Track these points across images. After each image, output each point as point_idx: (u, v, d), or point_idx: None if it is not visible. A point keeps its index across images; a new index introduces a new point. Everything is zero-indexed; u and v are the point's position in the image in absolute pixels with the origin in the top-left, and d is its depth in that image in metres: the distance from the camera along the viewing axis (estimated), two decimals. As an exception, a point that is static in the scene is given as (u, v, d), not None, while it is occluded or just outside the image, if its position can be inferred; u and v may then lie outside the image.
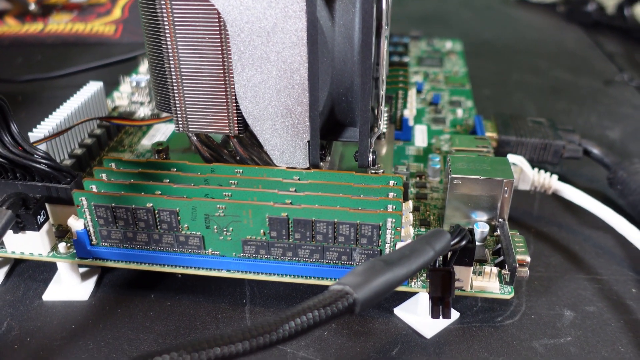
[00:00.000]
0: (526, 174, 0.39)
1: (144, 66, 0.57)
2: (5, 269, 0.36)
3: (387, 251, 0.31)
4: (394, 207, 0.31)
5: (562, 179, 0.40)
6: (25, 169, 0.34)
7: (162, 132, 0.47)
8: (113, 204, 0.32)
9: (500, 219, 0.35)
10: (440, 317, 0.29)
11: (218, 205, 0.31)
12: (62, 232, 0.36)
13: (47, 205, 0.34)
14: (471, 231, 0.30)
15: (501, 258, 0.33)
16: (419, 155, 0.44)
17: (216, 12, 0.30)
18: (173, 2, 0.30)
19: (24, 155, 0.33)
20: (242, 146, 0.35)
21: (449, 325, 0.33)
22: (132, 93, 0.51)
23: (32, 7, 0.75)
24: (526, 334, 0.32)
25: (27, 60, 0.67)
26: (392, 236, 0.30)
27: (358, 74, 0.30)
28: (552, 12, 0.82)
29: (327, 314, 0.23)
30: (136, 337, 0.32)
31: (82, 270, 0.36)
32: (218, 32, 0.30)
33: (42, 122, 0.40)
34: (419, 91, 0.52)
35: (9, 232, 0.33)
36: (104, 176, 0.33)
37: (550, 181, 0.39)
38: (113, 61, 0.57)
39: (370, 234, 0.30)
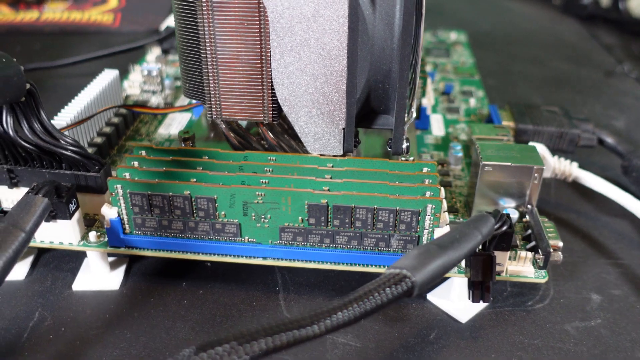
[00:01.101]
0: (547, 161, 0.40)
1: (151, 55, 0.56)
2: (29, 259, 0.36)
3: (425, 237, 0.31)
4: (432, 193, 0.31)
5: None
6: (53, 156, 0.34)
7: (177, 120, 0.46)
8: (149, 192, 0.31)
9: (528, 205, 0.35)
10: (481, 301, 0.30)
11: (257, 192, 0.31)
12: (89, 221, 0.35)
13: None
14: (509, 216, 0.30)
15: (533, 243, 0.33)
16: (437, 143, 0.44)
17: (257, -3, 0.29)
18: (213, -12, 0.29)
19: (53, 142, 0.33)
20: (271, 133, 0.35)
21: (482, 310, 0.33)
22: (143, 82, 0.51)
23: (28, -6, 0.74)
24: (557, 317, 0.33)
25: (25, 49, 0.66)
26: (431, 222, 0.31)
27: (397, 60, 0.30)
28: (547, 4, 0.84)
29: (388, 296, 0.23)
30: (173, 325, 0.32)
31: (110, 259, 0.35)
32: (257, 18, 0.30)
33: (62, 110, 0.39)
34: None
35: (39, 221, 0.33)
36: (135, 164, 0.33)
37: (571, 168, 0.40)
38: (120, 50, 0.56)
39: (409, 220, 0.31)
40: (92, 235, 0.34)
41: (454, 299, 0.33)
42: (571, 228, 0.40)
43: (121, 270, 0.35)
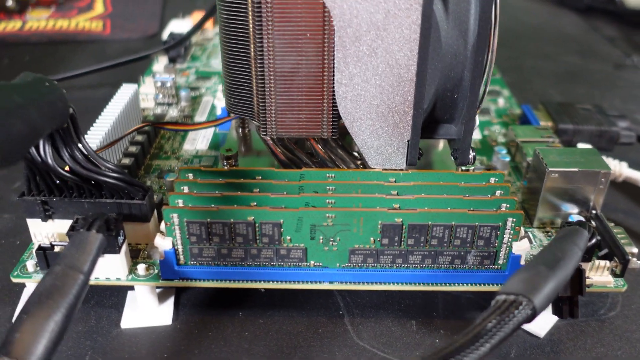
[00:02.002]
0: (597, 162, 0.39)
1: (158, 65, 0.53)
2: (67, 296, 0.33)
3: (502, 252, 0.30)
4: (508, 205, 0.30)
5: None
6: (94, 184, 0.31)
7: (202, 134, 0.44)
8: (209, 220, 0.29)
9: (593, 211, 0.34)
10: (569, 317, 0.29)
11: (327, 215, 0.29)
12: (133, 252, 0.33)
13: (120, 224, 0.31)
14: (590, 226, 0.29)
15: (605, 251, 0.32)
16: (477, 148, 0.43)
17: (321, 5, 0.27)
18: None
19: (96, 170, 0.30)
20: (321, 146, 0.33)
21: (557, 323, 0.32)
22: (156, 94, 0.48)
23: (10, 2, 0.69)
24: (633, 325, 0.32)
25: (13, 61, 0.62)
26: (510, 236, 0.29)
27: (469, 67, 0.29)
28: (542, -3, 0.83)
29: (512, 326, 0.21)
30: (239, 361, 0.30)
31: (157, 290, 0.33)
32: (321, 28, 0.28)
33: (88, 132, 0.36)
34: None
35: (83, 256, 0.30)
36: (185, 189, 0.31)
37: (621, 168, 0.39)
38: (125, 60, 0.53)
39: (488, 235, 0.29)
40: (141, 268, 0.31)
41: (527, 312, 0.32)
42: (628, 230, 0.39)
43: (170, 303, 0.33)
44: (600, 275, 0.31)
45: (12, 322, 0.31)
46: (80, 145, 0.29)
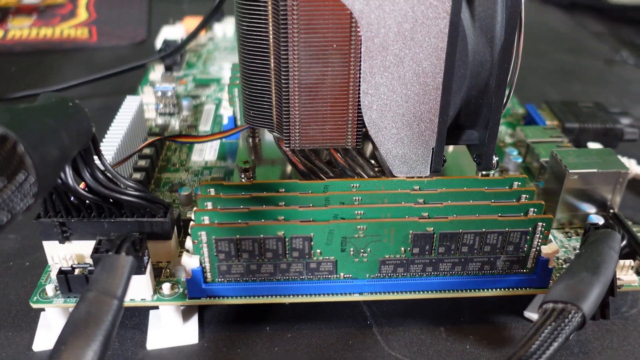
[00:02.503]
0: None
1: (155, 74, 0.52)
2: (86, 318, 0.32)
3: (531, 256, 0.30)
4: (535, 210, 0.30)
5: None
6: (114, 204, 0.30)
7: (209, 145, 0.43)
8: (238, 236, 0.28)
9: (611, 210, 0.35)
10: (600, 318, 0.29)
11: (358, 227, 0.29)
12: (156, 271, 0.32)
13: (143, 242, 0.30)
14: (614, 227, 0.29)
15: (627, 249, 0.32)
16: (486, 149, 0.43)
17: (348, 15, 0.27)
18: (301, 10, 0.27)
19: (117, 189, 0.29)
20: (340, 155, 0.33)
21: (582, 322, 0.32)
22: (157, 104, 0.47)
23: (-9, 12, 0.67)
24: (657, 322, 0.33)
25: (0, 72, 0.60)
26: (539, 240, 0.30)
27: (495, 74, 0.29)
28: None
29: (565, 335, 0.21)
30: (273, 377, 0.29)
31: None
32: (348, 38, 0.28)
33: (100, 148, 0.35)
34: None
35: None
36: (209, 205, 0.30)
37: (631, 166, 0.40)
38: (121, 70, 0.52)
39: (518, 240, 0.29)
40: (166, 287, 0.30)
41: (553, 314, 0.32)
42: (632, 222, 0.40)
43: (195, 321, 0.32)
44: (625, 275, 0.31)
45: (32, 348, 0.30)
46: (100, 164, 0.29)
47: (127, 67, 0.52)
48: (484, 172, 0.34)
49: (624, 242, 0.28)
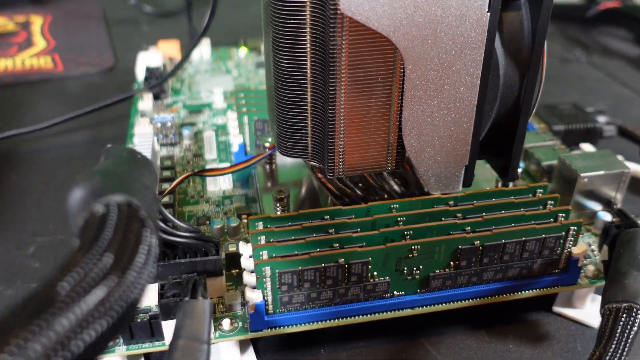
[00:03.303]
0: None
1: (144, 103, 0.52)
2: (141, 362, 0.32)
3: (563, 257, 0.33)
4: (564, 215, 0.32)
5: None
6: (168, 246, 0.30)
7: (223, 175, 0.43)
8: (300, 268, 0.29)
9: (615, 206, 0.38)
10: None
11: (412, 247, 0.30)
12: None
13: (198, 282, 0.31)
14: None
15: (637, 242, 0.36)
16: (484, 156, 0.46)
17: (392, 50, 0.29)
18: (350, 48, 0.28)
19: (175, 233, 0.29)
20: (372, 175, 0.35)
21: (604, 311, 0.35)
22: (157, 135, 0.47)
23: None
24: (665, 303, 0.36)
25: (-35, 111, 0.57)
26: (570, 243, 0.32)
27: (523, 95, 0.31)
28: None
29: (634, 331, 0.24)
30: (341, 398, 0.30)
31: (235, 342, 0.33)
32: (391, 71, 0.29)
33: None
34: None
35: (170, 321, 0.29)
36: (262, 239, 0.31)
37: (619, 162, 0.44)
38: (110, 102, 0.51)
39: (553, 244, 0.32)
40: (226, 323, 0.31)
41: (578, 304, 0.35)
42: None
43: (251, 352, 0.33)
44: None
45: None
46: (158, 209, 0.29)
47: (115, 100, 0.51)
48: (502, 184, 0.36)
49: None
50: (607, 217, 0.37)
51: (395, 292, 0.32)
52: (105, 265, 0.16)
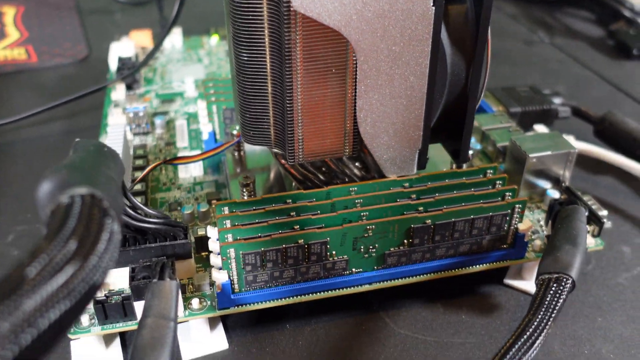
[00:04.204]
0: (551, 139, 0.45)
1: (117, 93, 0.53)
2: (117, 343, 0.34)
3: (510, 233, 0.35)
4: (510, 194, 0.35)
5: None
6: (139, 232, 0.32)
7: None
8: (263, 249, 0.31)
9: (563, 184, 0.40)
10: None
11: (368, 227, 0.32)
12: (180, 288, 0.34)
13: (168, 264, 0.33)
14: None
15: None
16: (445, 138, 0.48)
17: (345, 44, 0.30)
18: (303, 42, 0.30)
19: (145, 219, 0.31)
20: (333, 161, 0.37)
21: (552, 283, 0.38)
22: (130, 125, 0.48)
23: None
24: (609, 274, 0.39)
25: (-59, 104, 0.58)
26: (516, 219, 0.35)
27: (470, 82, 0.33)
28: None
29: (562, 299, 0.26)
30: (305, 369, 0.33)
31: (206, 320, 0.35)
32: (345, 62, 0.31)
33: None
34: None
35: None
36: (227, 223, 0.33)
37: (572, 142, 0.46)
38: (83, 94, 0.52)
39: (500, 221, 0.34)
40: (195, 302, 0.33)
41: (528, 277, 0.38)
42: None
43: (221, 328, 0.35)
44: (584, 239, 0.37)
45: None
46: (127, 198, 0.31)
47: (89, 91, 0.52)
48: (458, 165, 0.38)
49: (587, 214, 0.34)
50: (555, 194, 0.40)
51: (353, 270, 0.34)
52: (69, 251, 0.18)
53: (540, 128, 0.46)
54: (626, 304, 0.37)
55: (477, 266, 0.36)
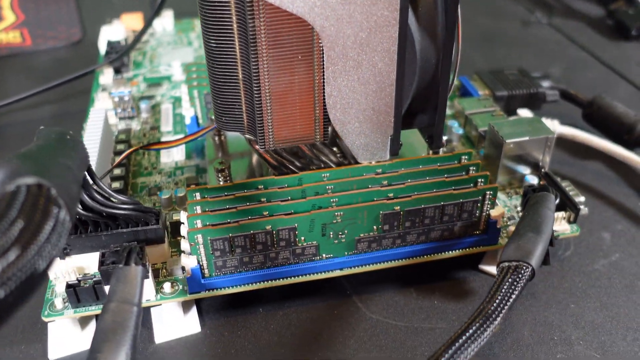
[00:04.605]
0: (535, 124, 0.45)
1: (105, 77, 0.53)
2: (91, 325, 0.35)
3: (482, 220, 0.35)
4: (483, 180, 0.35)
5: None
6: (110, 217, 0.33)
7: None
8: (230, 234, 0.32)
9: (542, 170, 0.40)
10: (543, 265, 0.34)
11: (336, 213, 0.33)
12: (154, 272, 0.35)
13: (140, 249, 0.33)
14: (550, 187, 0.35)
15: (557, 201, 0.38)
16: (429, 122, 0.48)
17: (310, 30, 0.30)
18: (268, 28, 0.30)
19: (112, 205, 0.32)
20: (307, 147, 0.37)
21: (527, 268, 0.38)
22: (115, 109, 0.48)
23: None
24: (586, 260, 0.39)
25: None
26: (488, 205, 0.35)
27: (440, 67, 0.33)
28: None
29: (520, 286, 0.26)
30: (274, 353, 0.33)
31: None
32: (311, 48, 0.31)
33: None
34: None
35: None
36: (198, 209, 0.33)
37: (555, 127, 0.45)
38: (71, 78, 0.53)
39: (471, 208, 0.34)
40: (167, 286, 0.33)
41: (503, 264, 0.38)
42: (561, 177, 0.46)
43: (194, 312, 0.35)
44: (559, 225, 0.37)
45: (48, 358, 0.33)
46: (96, 184, 0.31)
47: (77, 75, 0.53)
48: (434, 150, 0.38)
49: (557, 200, 0.34)
50: (534, 180, 0.39)
51: (324, 255, 0.34)
52: (10, 239, 0.19)
53: (524, 112, 0.45)
54: (601, 290, 0.37)
55: (450, 252, 0.36)
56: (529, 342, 0.33)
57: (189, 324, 0.35)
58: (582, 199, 0.37)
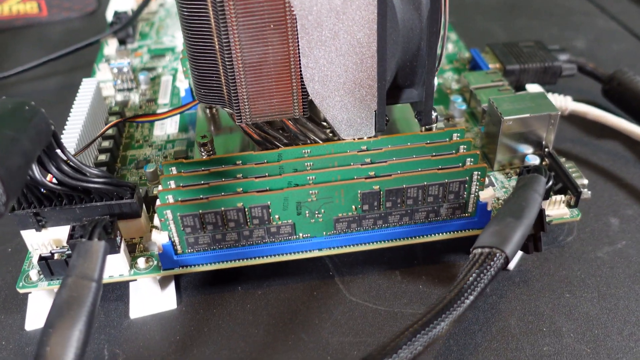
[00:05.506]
0: (545, 100, 0.42)
1: (109, 48, 0.53)
2: (72, 296, 0.35)
3: (471, 201, 0.33)
4: (472, 160, 0.32)
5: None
6: (83, 191, 0.32)
7: (170, 118, 0.44)
8: (201, 211, 0.31)
9: (546, 149, 0.37)
10: (534, 251, 0.32)
11: (310, 192, 0.31)
12: (130, 247, 0.34)
13: (114, 223, 0.33)
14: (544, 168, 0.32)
15: (560, 185, 0.36)
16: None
17: (281, -3, 0.28)
18: (235, -6, 0.28)
19: (83, 178, 0.31)
20: (292, 122, 0.35)
21: (523, 255, 0.36)
22: (114, 80, 0.48)
23: None
24: (588, 246, 0.36)
25: (-49, 56, 0.60)
26: (477, 187, 0.32)
27: (425, 38, 0.31)
28: None
29: (490, 274, 0.25)
30: (247, 332, 0.32)
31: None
32: (283, 18, 0.29)
33: (62, 136, 0.37)
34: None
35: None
36: (172, 183, 0.32)
37: (567, 103, 0.42)
38: (75, 48, 0.52)
39: (457, 189, 0.32)
40: (141, 261, 0.33)
41: (497, 249, 0.35)
42: (572, 157, 0.43)
43: (172, 288, 0.35)
44: (557, 209, 0.34)
45: (24, 328, 0.33)
46: (65, 158, 0.30)
47: (80, 45, 0.52)
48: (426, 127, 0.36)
49: (551, 183, 0.31)
50: (536, 160, 0.37)
51: (301, 234, 0.33)
52: None
53: (533, 87, 0.43)
54: (600, 280, 0.34)
55: (436, 235, 0.34)
56: (515, 332, 0.31)
57: (166, 300, 0.34)
58: (585, 181, 0.35)
